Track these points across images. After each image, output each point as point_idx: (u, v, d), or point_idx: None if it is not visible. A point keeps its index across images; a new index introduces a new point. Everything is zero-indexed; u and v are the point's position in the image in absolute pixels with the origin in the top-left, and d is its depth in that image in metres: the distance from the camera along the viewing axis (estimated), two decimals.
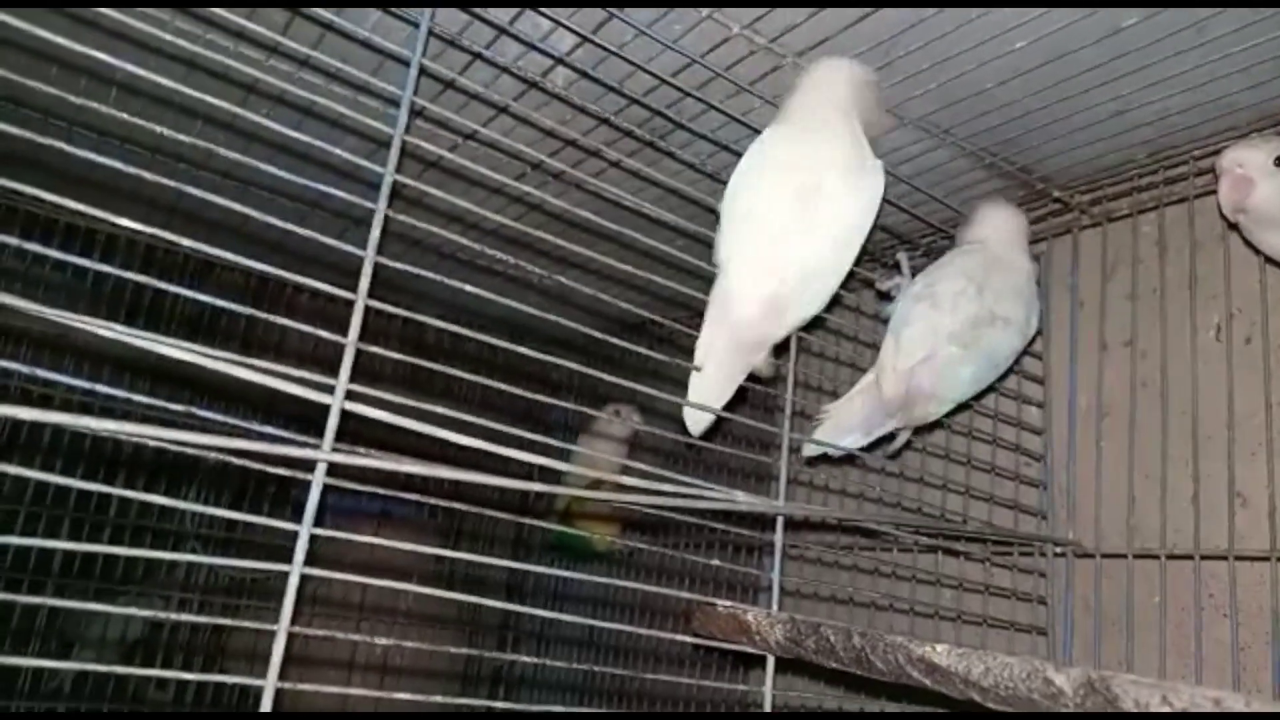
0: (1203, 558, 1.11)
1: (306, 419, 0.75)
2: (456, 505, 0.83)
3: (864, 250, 1.02)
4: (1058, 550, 1.27)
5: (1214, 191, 1.17)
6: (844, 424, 1.16)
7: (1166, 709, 0.54)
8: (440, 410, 0.76)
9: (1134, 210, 1.29)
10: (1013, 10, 0.94)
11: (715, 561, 1.00)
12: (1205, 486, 1.14)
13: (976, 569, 1.31)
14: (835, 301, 1.13)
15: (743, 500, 0.92)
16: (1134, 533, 1.19)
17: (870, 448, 1.19)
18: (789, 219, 0.97)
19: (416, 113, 0.83)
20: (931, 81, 1.08)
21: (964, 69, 1.04)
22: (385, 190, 0.79)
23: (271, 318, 0.75)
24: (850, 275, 1.03)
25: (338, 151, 0.78)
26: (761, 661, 0.93)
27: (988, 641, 1.26)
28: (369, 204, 0.78)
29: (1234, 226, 1.08)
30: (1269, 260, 1.10)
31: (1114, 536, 1.22)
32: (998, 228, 1.22)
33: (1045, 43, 0.98)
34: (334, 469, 0.73)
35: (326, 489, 0.74)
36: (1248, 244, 1.09)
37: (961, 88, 1.08)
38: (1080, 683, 0.58)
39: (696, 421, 1.02)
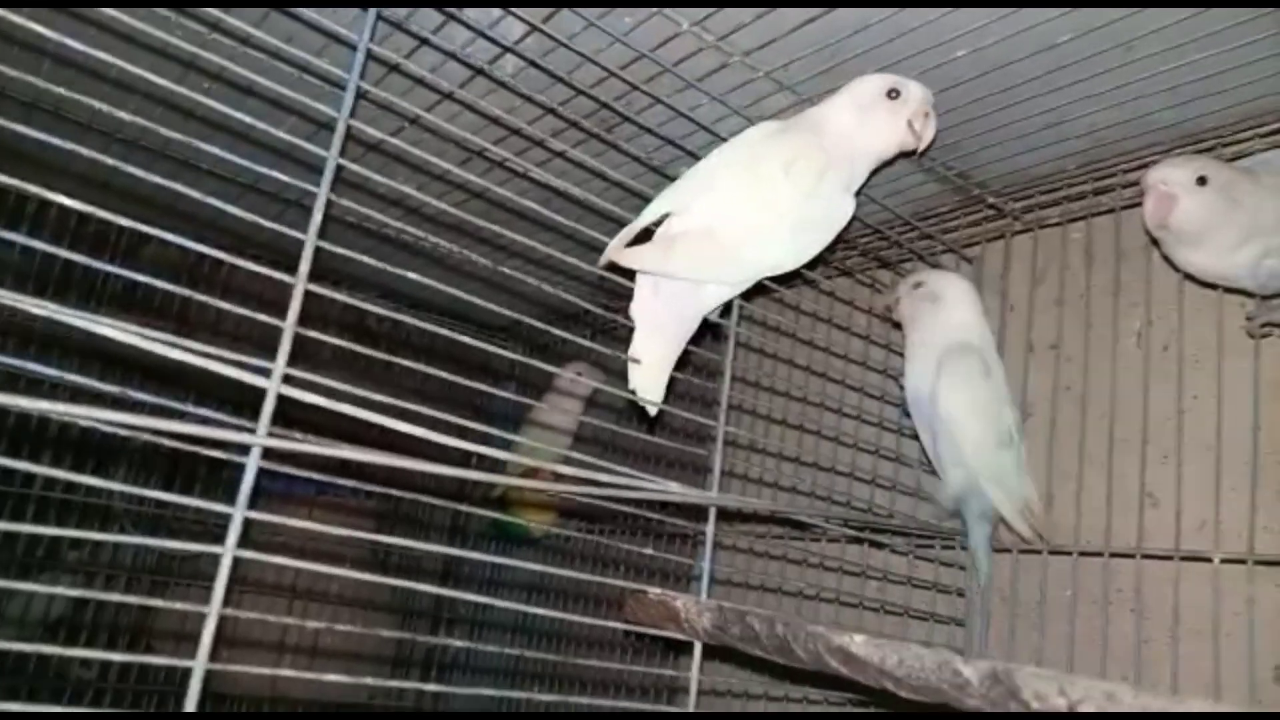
0: (1112, 555, 1.16)
1: (242, 401, 0.75)
2: (391, 491, 0.84)
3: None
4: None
5: (1139, 204, 1.22)
6: None
7: (1062, 700, 0.57)
8: (378, 397, 0.76)
9: (1064, 219, 1.34)
10: (953, 21, 0.96)
11: (649, 550, 1.02)
12: (1118, 487, 1.19)
13: (900, 561, 1.35)
14: (773, 298, 1.16)
15: (676, 491, 0.93)
16: (1050, 530, 1.24)
17: None
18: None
19: (360, 95, 0.82)
20: None
21: (905, 75, 1.06)
22: (328, 174, 0.79)
23: (208, 299, 0.74)
24: (794, 274, 1.06)
25: (279, 133, 0.78)
26: (690, 648, 0.95)
27: (909, 631, 1.30)
28: (311, 187, 0.78)
29: (1156, 241, 1.13)
30: (1187, 275, 1.14)
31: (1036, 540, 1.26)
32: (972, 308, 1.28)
33: (984, 54, 1.01)
34: (269, 452, 0.73)
35: (261, 470, 0.74)
36: (1166, 259, 1.13)
37: None
38: (985, 674, 0.61)
39: (647, 389, 1.03)
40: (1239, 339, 1.15)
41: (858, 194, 1.06)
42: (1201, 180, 1.02)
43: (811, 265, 1.07)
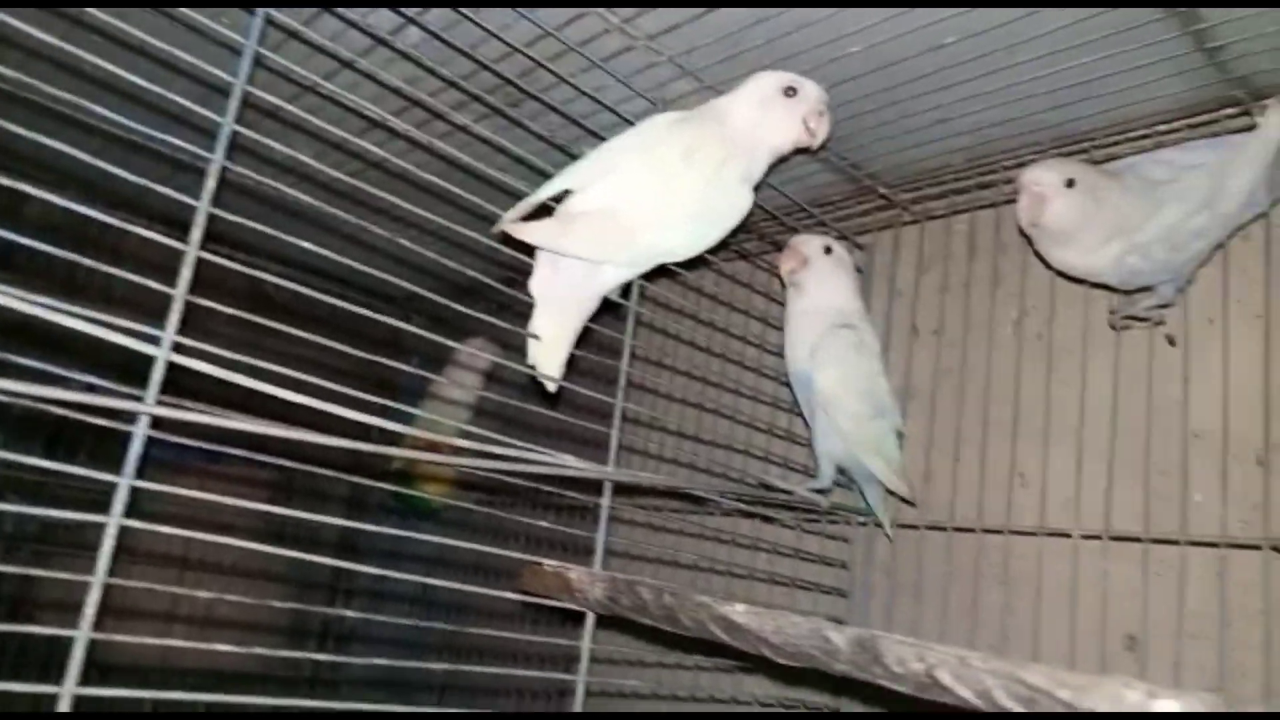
0: (983, 531, 1.24)
1: (133, 369, 0.74)
2: (284, 462, 0.84)
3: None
4: (860, 520, 1.38)
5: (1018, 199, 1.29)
6: None
7: (920, 665, 0.62)
8: (272, 368, 0.76)
9: (949, 211, 1.40)
10: (848, 18, 1.00)
11: (544, 523, 1.04)
12: (991, 466, 1.27)
13: (790, 535, 1.41)
14: (675, 279, 1.18)
15: (573, 465, 0.96)
16: (927, 506, 1.32)
17: None
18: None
19: (258, 61, 0.81)
20: None
21: (802, 68, 1.10)
22: (224, 140, 0.78)
23: (95, 263, 0.73)
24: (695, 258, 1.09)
25: (173, 96, 0.76)
26: (584, 617, 0.98)
27: (796, 601, 1.36)
28: (205, 153, 0.77)
29: (1029, 238, 1.20)
30: (1057, 272, 1.22)
31: (911, 509, 1.34)
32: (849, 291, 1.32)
33: (876, 51, 1.06)
34: (159, 421, 0.72)
35: (154, 439, 0.73)
36: (1039, 255, 1.21)
37: None
38: (852, 641, 0.66)
39: (546, 366, 1.05)
40: (1103, 331, 1.23)
41: (757, 187, 1.09)
42: (1070, 182, 1.09)
43: (713, 250, 1.10)
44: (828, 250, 1.27)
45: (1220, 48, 1.00)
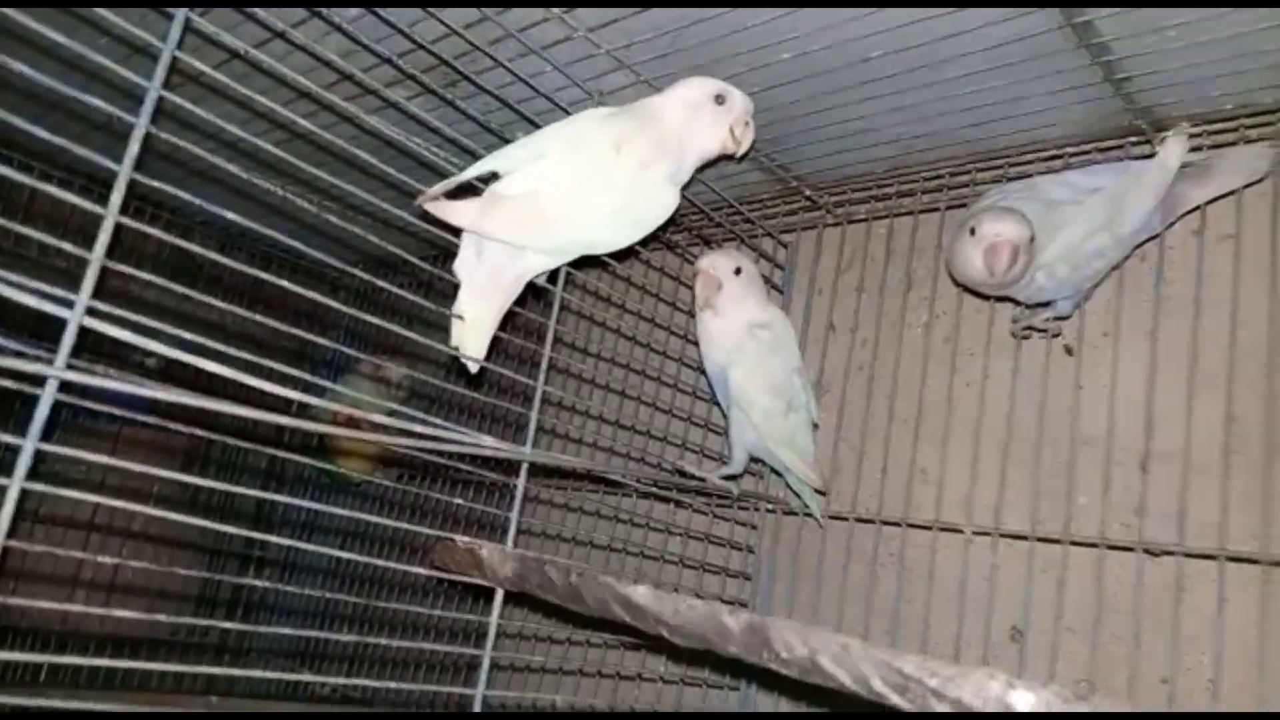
0: (883, 523, 1.30)
1: (43, 332, 0.73)
2: (197, 431, 0.84)
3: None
4: (769, 507, 1.43)
5: (936, 210, 1.35)
6: None
7: (805, 649, 0.66)
8: (188, 336, 0.76)
9: (870, 216, 1.46)
10: (782, 25, 1.03)
11: (459, 500, 1.06)
12: (894, 461, 1.33)
13: (701, 519, 1.45)
14: (604, 267, 1.21)
15: (489, 445, 0.97)
16: (833, 497, 1.37)
17: None
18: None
19: (188, 27, 0.80)
20: (708, 75, 1.15)
21: (736, 70, 1.13)
22: (149, 105, 0.77)
23: (9, 224, 0.72)
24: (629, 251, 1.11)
25: (101, 59, 0.75)
26: (494, 593, 1.01)
27: (704, 584, 1.41)
28: (130, 117, 0.76)
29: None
30: (964, 288, 1.27)
31: (827, 495, 1.39)
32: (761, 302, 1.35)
33: (807, 59, 1.09)
34: (68, 385, 0.72)
35: (60, 404, 0.73)
36: (947, 267, 1.25)
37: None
38: (745, 625, 0.69)
39: (469, 347, 1.05)
40: (1005, 338, 1.30)
41: (685, 187, 1.12)
42: (1033, 239, 1.11)
43: (640, 242, 1.12)
44: (738, 271, 1.29)
45: (1126, 79, 1.06)
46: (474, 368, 1.06)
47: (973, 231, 1.12)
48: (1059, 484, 1.21)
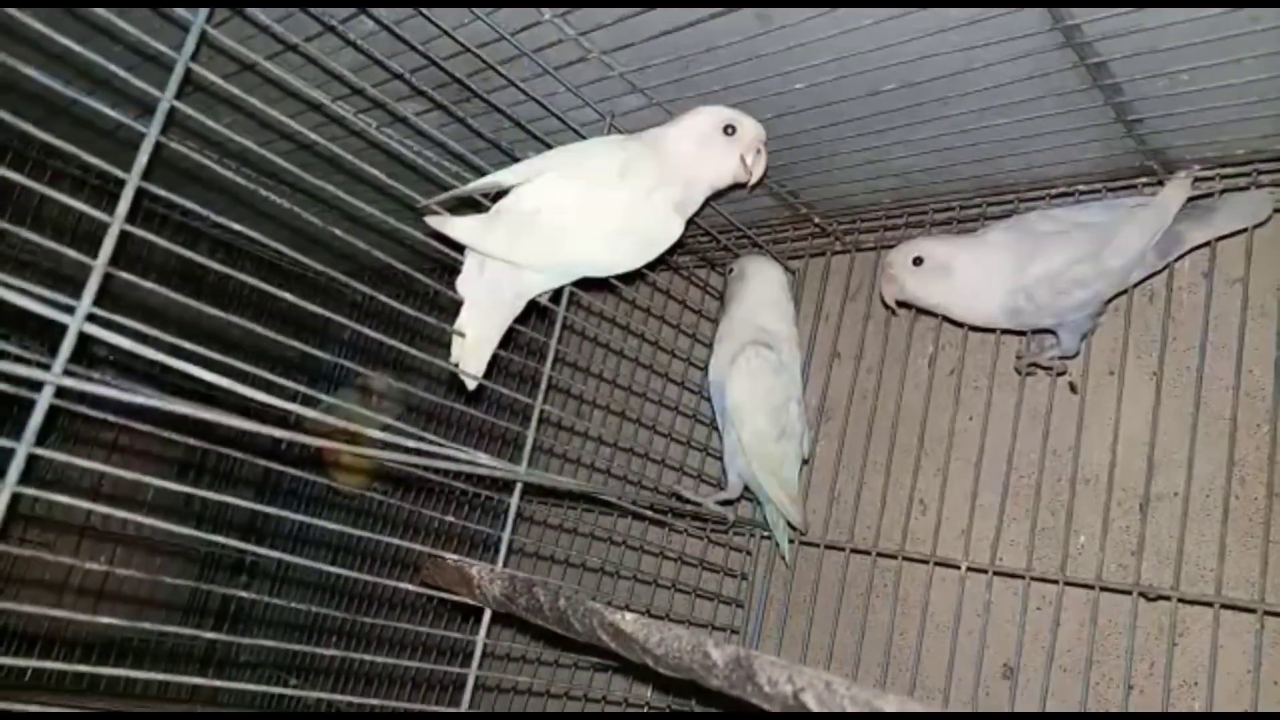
0: (879, 555, 1.29)
1: (50, 338, 0.73)
2: (191, 440, 0.84)
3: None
4: (764, 534, 1.42)
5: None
6: None
7: (789, 686, 0.65)
8: (189, 346, 0.76)
9: (878, 245, 1.45)
10: (796, 55, 1.03)
11: (450, 518, 1.06)
12: (893, 492, 1.32)
13: (696, 544, 1.44)
14: (611, 289, 1.20)
15: (485, 463, 0.97)
16: (829, 525, 1.36)
17: None
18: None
19: (204, 39, 0.81)
20: (720, 102, 1.16)
21: (750, 97, 1.13)
22: (160, 115, 0.77)
23: (10, 226, 0.72)
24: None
25: (110, 65, 0.75)
26: (482, 613, 1.00)
27: (696, 609, 1.40)
28: (140, 126, 0.76)
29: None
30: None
31: (815, 527, 1.38)
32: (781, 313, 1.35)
33: (818, 89, 1.09)
34: (64, 391, 0.72)
35: (59, 409, 0.72)
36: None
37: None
38: (730, 658, 0.69)
39: (468, 364, 1.05)
40: (1009, 374, 1.29)
41: (692, 219, 1.11)
42: (917, 261, 1.23)
43: (649, 265, 1.12)
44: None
45: (1138, 120, 1.06)
46: (471, 384, 1.06)
47: None
48: (1058, 522, 1.20)
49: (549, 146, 1.13)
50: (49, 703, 0.75)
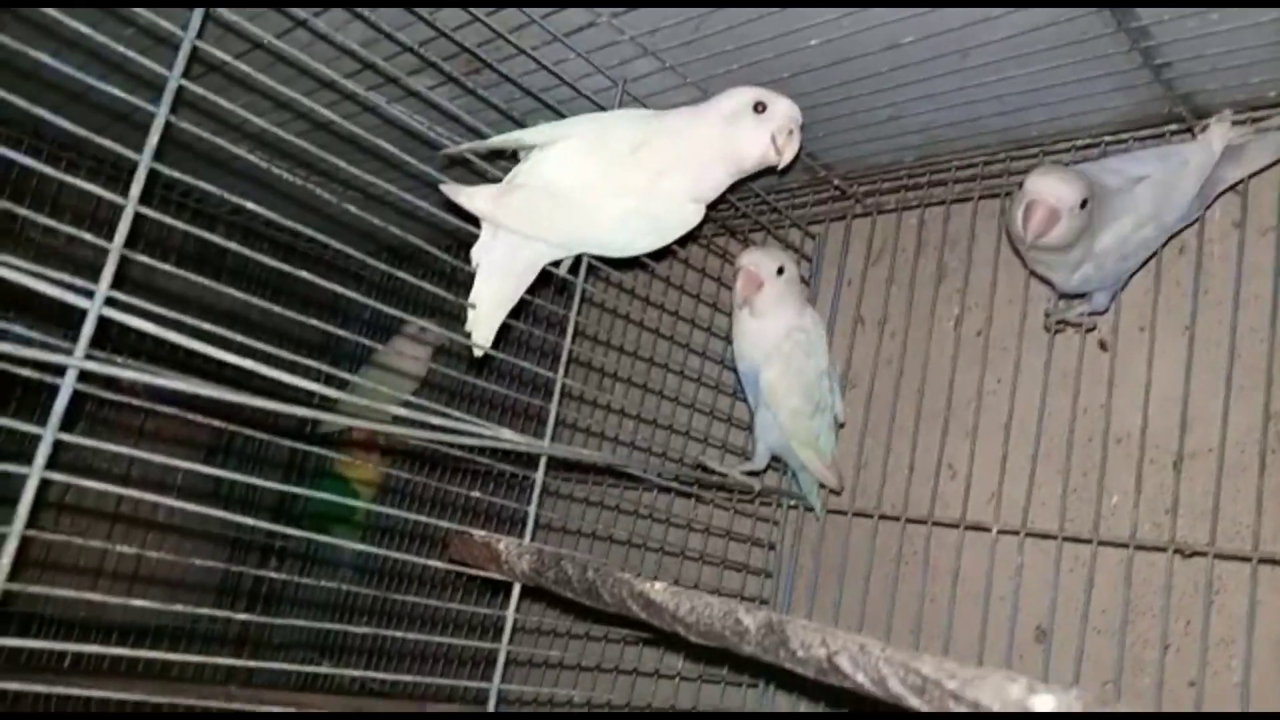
0: (908, 521, 1.27)
1: (70, 322, 0.73)
2: (216, 422, 0.83)
3: None
4: (791, 503, 1.41)
5: (969, 199, 1.31)
6: None
7: (823, 650, 0.64)
8: (208, 327, 0.76)
9: (900, 206, 1.43)
10: (809, 11, 1.01)
11: (476, 494, 1.05)
12: (921, 457, 1.30)
13: (723, 515, 1.43)
14: (632, 261, 1.19)
15: (508, 438, 0.97)
16: (857, 493, 1.35)
17: None
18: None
19: (208, 16, 0.79)
20: (734, 62, 1.14)
21: (762, 56, 1.10)
22: (169, 95, 0.77)
23: (27, 212, 0.71)
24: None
25: (120, 48, 0.75)
26: (511, 587, 1.00)
27: (724, 580, 1.39)
28: (150, 107, 0.75)
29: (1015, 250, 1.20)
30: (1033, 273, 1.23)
31: (843, 495, 1.37)
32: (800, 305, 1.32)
33: (834, 45, 1.07)
34: (87, 375, 0.71)
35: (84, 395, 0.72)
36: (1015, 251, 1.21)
37: (760, 72, 1.14)
38: (762, 624, 0.68)
39: (478, 332, 1.04)
40: (1038, 333, 1.27)
41: (715, 205, 1.09)
42: (1084, 204, 1.03)
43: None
44: (780, 271, 1.26)
45: (1166, 64, 1.03)
46: (479, 352, 1.05)
47: (1020, 186, 1.06)
48: (1090, 482, 1.18)
49: (561, 115, 1.11)
50: (88, 687, 0.76)
